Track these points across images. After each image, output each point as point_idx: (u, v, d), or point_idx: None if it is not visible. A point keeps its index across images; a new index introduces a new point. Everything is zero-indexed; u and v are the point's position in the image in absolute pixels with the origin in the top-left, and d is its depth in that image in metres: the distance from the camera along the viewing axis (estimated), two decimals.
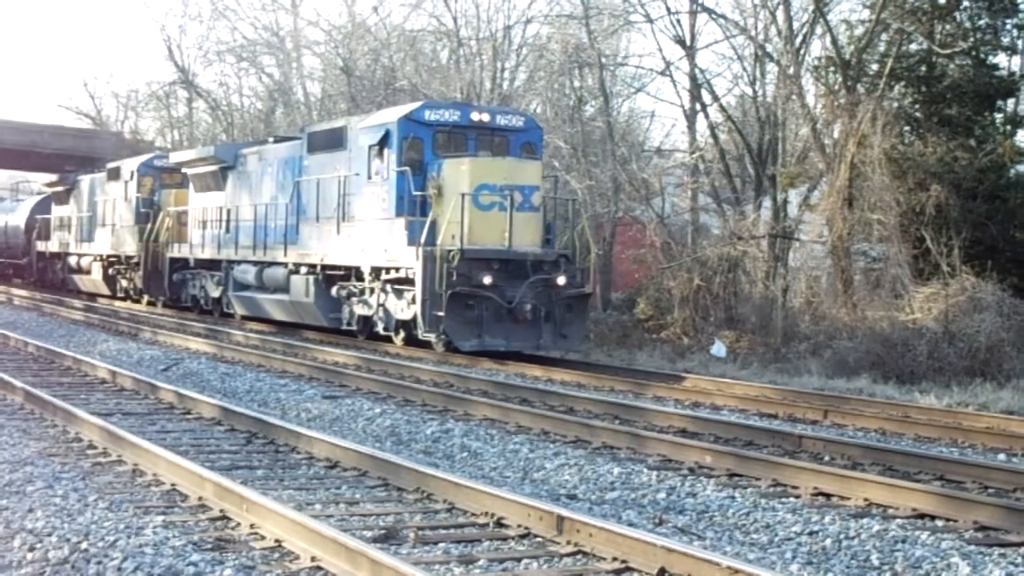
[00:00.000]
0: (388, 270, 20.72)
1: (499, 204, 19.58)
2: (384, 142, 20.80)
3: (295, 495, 9.04)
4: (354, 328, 22.35)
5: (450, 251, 19.20)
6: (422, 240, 19.51)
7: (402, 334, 21.06)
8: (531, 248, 19.92)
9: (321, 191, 22.89)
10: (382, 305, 21.18)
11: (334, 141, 22.78)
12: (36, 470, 9.55)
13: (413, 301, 19.97)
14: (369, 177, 21.23)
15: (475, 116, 21.05)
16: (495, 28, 33.76)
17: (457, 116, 20.94)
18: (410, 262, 19.87)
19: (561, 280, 19.81)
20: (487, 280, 19.19)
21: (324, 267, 22.79)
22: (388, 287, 20.87)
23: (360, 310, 21.96)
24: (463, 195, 19.33)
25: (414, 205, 20.13)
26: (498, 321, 19.41)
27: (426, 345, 20.37)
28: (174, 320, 27.55)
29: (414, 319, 20.03)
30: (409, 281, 20.07)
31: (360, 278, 21.75)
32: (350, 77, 36.53)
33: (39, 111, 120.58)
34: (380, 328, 21.44)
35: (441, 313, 19.11)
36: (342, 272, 22.34)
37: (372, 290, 21.39)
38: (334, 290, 22.55)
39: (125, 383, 15.56)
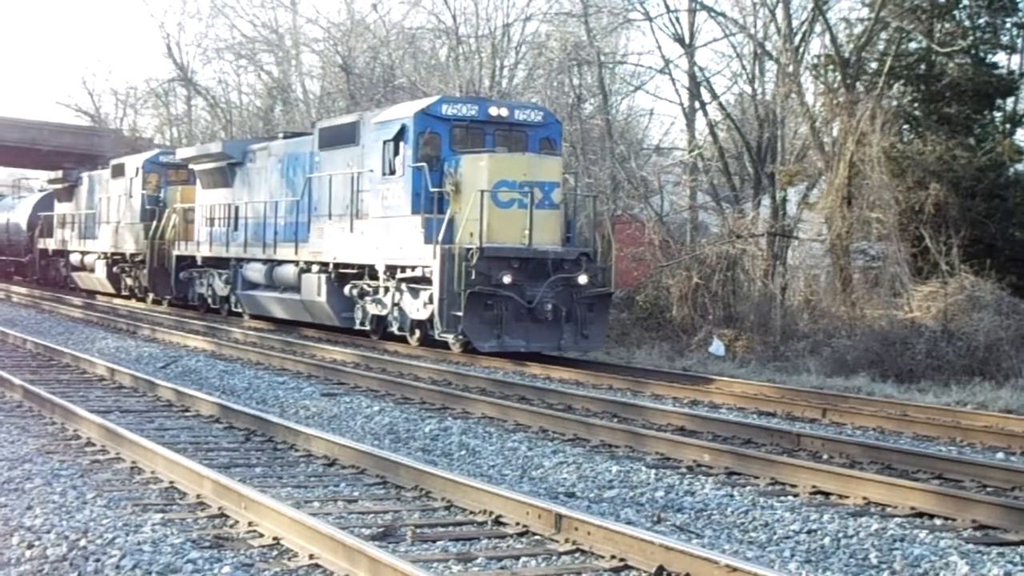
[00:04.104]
0: (403, 269, 20.31)
1: (519, 201, 19.19)
2: (400, 137, 20.40)
3: (293, 493, 9.04)
4: (367, 328, 21.98)
5: (469, 249, 18.80)
6: (439, 238, 19.06)
7: (417, 334, 20.72)
8: (552, 246, 19.53)
9: (333, 188, 22.46)
10: (397, 304, 20.79)
11: (346, 137, 22.35)
12: (34, 467, 9.56)
13: (430, 301, 19.57)
14: (384, 173, 20.80)
15: (493, 111, 20.61)
16: (494, 26, 33.81)
17: (475, 111, 20.51)
18: (427, 260, 19.46)
19: (583, 279, 19.45)
20: (507, 279, 18.81)
21: (336, 265, 22.38)
22: (403, 286, 20.48)
23: (374, 310, 21.60)
24: (482, 192, 18.95)
25: (431, 202, 19.78)
26: (518, 321, 19.06)
27: (442, 346, 20.09)
28: (173, 318, 27.49)
29: (430, 319, 19.66)
30: (426, 280, 19.69)
31: (374, 277, 21.35)
32: (349, 75, 36.51)
33: (38, 108, 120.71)
34: (395, 328, 21.07)
35: (460, 313, 18.73)
36: (355, 271, 21.97)
37: (387, 289, 20.99)
38: (347, 289, 22.16)
39: (123, 380, 15.56)
